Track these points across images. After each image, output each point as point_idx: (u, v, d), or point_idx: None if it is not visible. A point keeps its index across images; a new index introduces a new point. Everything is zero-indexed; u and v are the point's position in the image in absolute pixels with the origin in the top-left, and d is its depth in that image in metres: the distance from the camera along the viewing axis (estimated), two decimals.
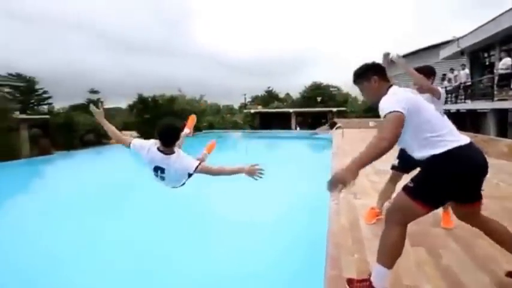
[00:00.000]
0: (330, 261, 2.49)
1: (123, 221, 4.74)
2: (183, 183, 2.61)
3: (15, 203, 6.84)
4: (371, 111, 23.66)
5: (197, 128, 23.68)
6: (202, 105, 25.36)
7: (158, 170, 2.49)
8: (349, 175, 1.64)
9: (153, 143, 2.47)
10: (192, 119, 3.84)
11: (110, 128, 2.73)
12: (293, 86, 63.51)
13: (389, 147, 1.64)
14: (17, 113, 15.95)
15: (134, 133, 24.84)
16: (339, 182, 1.67)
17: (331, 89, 40.99)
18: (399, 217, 1.81)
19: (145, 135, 22.34)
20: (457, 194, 1.78)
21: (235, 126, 28.28)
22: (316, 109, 32.28)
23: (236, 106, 38.30)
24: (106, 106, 31.78)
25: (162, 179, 2.53)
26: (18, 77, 25.09)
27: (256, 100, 44.60)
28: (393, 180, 3.15)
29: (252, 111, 32.72)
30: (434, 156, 1.72)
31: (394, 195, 2.26)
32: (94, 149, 15.63)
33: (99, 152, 16.00)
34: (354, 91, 37.33)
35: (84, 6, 65.37)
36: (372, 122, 21.74)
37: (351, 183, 1.65)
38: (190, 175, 2.49)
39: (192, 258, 3.48)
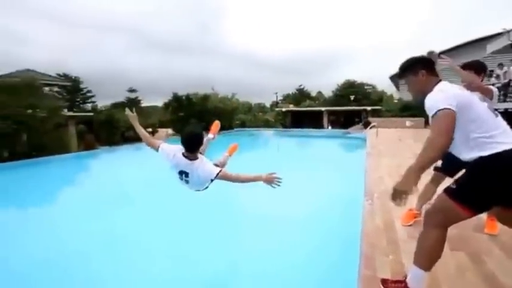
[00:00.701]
0: (364, 261, 2.48)
1: (156, 216, 4.98)
2: (206, 187, 2.75)
3: (66, 193, 7.57)
4: (408, 110, 22.45)
5: (229, 126, 24.27)
6: (234, 104, 25.76)
7: (183, 174, 2.65)
8: (410, 183, 1.62)
9: (178, 149, 2.63)
10: (216, 125, 4.00)
11: (142, 132, 2.91)
12: (325, 84, 62.23)
13: (446, 145, 1.58)
14: (65, 110, 17.48)
15: (170, 130, 26.04)
16: (401, 193, 1.66)
17: (365, 87, 39.57)
18: (439, 219, 1.74)
19: (180, 132, 23.26)
20: (503, 199, 1.66)
21: (267, 124, 28.39)
22: (349, 108, 31.34)
23: (268, 104, 38.48)
24: (143, 104, 33.78)
25: (186, 182, 2.69)
26: (66, 77, 27.39)
27: (287, 99, 44.42)
28: (435, 182, 2.99)
29: (284, 109, 32.61)
30: (482, 158, 1.61)
31: (435, 196, 2.18)
32: (133, 145, 16.58)
33: (138, 147, 16.92)
34: (390, 89, 35.67)
35: (124, 11, 69.34)
36: (408, 122, 20.61)
37: (413, 190, 1.63)
38: (212, 180, 2.62)
39: (224, 255, 3.56)
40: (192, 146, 2.54)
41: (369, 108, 29.39)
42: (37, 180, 8.77)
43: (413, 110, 21.09)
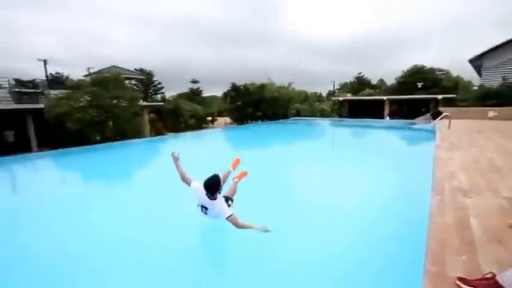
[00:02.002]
0: (431, 257, 2.47)
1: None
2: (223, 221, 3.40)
3: (145, 170, 8.81)
4: (490, 98, 19.57)
5: (284, 115, 24.41)
6: (290, 93, 25.70)
7: (203, 208, 3.50)
8: None
9: (203, 189, 3.41)
10: (237, 161, 4.77)
11: (180, 170, 3.77)
12: (388, 71, 57.39)
13: None
14: (141, 101, 19.66)
15: (228, 119, 27.30)
16: None
17: (436, 73, 35.45)
18: None
19: (237, 120, 24.23)
20: None
21: (322, 114, 27.75)
22: (416, 96, 28.55)
23: (324, 94, 37.38)
24: (204, 94, 35.89)
25: (205, 213, 3.52)
26: (141, 71, 30.60)
27: (345, 87, 42.46)
28: None
29: (341, 98, 31.33)
30: None
31: None
32: (195, 132, 17.92)
33: (199, 135, 18.20)
34: (468, 74, 31.39)
35: (185, 7, 73.29)
36: (491, 112, 17.96)
37: None
38: (226, 219, 3.32)
39: (289, 245, 3.67)
40: (211, 190, 3.36)
41: (439, 96, 26.41)
42: (122, 159, 10.35)
43: (498, 98, 18.33)
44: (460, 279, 2.07)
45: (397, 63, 67.13)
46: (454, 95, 25.97)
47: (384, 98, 29.33)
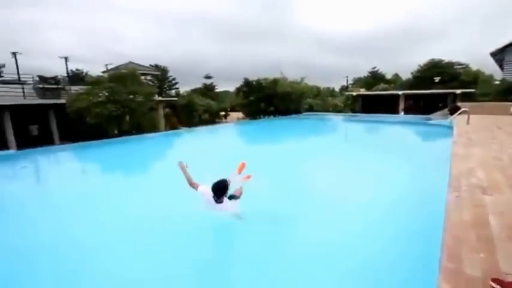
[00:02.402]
0: (447, 254, 2.47)
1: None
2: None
3: (160, 161, 9.08)
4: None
5: (297, 110, 24.31)
6: (303, 88, 25.54)
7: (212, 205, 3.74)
8: None
9: (210, 192, 3.66)
10: (242, 165, 4.69)
11: (187, 175, 4.03)
12: (403, 65, 55.60)
13: None
14: (156, 96, 20.04)
15: (240, 114, 27.45)
16: None
17: (455, 67, 34.35)
18: None
19: (250, 115, 24.29)
20: None
21: (335, 109, 27.49)
22: (433, 91, 27.80)
23: (337, 89, 36.95)
24: (217, 90, 36.15)
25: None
26: (156, 67, 31.08)
27: (359, 82, 41.77)
28: None
29: (354, 93, 30.88)
30: None
31: None
32: (208, 127, 18.14)
33: (212, 130, 18.42)
34: (490, 68, 30.31)
35: (201, 2, 73.37)
36: None
37: None
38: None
39: (303, 238, 3.75)
40: (219, 193, 3.65)
41: (458, 91, 25.63)
42: (139, 152, 10.73)
43: None
44: (495, 280, 2.03)
45: (413, 57, 65.26)
46: (473, 90, 25.16)
47: (399, 92, 28.71)
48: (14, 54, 18.72)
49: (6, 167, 8.73)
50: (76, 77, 23.51)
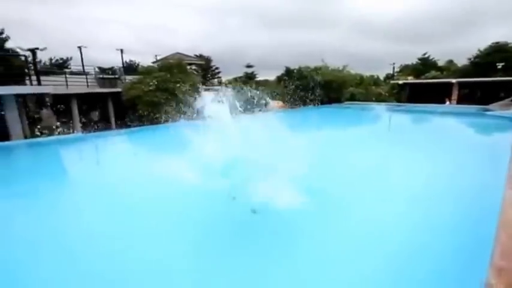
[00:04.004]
0: (500, 250, 2.42)
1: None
2: None
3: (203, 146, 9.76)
4: None
5: (338, 99, 23.74)
6: (345, 76, 24.78)
7: None
8: None
9: None
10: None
11: None
12: (459, 51, 50.42)
13: None
14: (200, 84, 21.01)
15: (280, 102, 27.54)
16: None
17: None
18: None
19: (289, 104, 24.36)
20: None
21: (379, 98, 26.25)
22: (495, 79, 25.05)
23: (382, 77, 35.06)
24: (258, 78, 36.53)
25: None
26: (200, 57, 32.37)
27: (406, 70, 39.10)
28: None
29: (400, 82, 29.07)
30: None
31: None
32: (248, 115, 18.70)
33: (252, 117, 18.90)
34: None
35: None
36: None
37: None
38: None
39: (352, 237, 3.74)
40: None
41: None
42: (184, 135, 11.70)
43: None
44: None
45: (470, 41, 58.65)
46: None
47: (453, 80, 26.37)
48: (80, 48, 21.07)
49: (77, 148, 10.21)
50: (130, 68, 25.60)
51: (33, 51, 13.95)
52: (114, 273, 3.04)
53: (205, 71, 32.90)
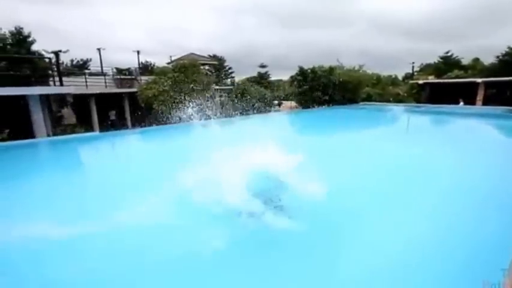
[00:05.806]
0: None
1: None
2: None
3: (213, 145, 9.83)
4: None
5: (353, 100, 23.24)
6: (361, 76, 24.21)
7: None
8: None
9: None
10: None
11: None
12: (486, 48, 48.01)
13: None
14: (214, 85, 21.23)
15: (293, 103, 27.36)
16: None
17: None
18: None
19: (302, 105, 24.08)
20: None
21: (396, 99, 25.49)
22: None
23: (400, 77, 34.02)
24: (272, 78, 36.44)
25: None
26: (214, 57, 32.72)
27: (427, 69, 37.72)
28: None
29: (420, 81, 28.04)
30: None
31: None
32: (261, 115, 18.58)
33: (265, 117, 18.81)
34: None
35: None
36: None
37: None
38: None
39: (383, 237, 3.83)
40: None
41: None
42: (199, 135, 11.90)
43: None
44: None
45: (496, 38, 55.78)
46: None
47: (479, 80, 25.05)
48: (99, 50, 21.89)
49: (95, 147, 10.68)
50: (145, 68, 26.31)
51: (56, 53, 14.58)
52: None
53: (218, 71, 33.20)
